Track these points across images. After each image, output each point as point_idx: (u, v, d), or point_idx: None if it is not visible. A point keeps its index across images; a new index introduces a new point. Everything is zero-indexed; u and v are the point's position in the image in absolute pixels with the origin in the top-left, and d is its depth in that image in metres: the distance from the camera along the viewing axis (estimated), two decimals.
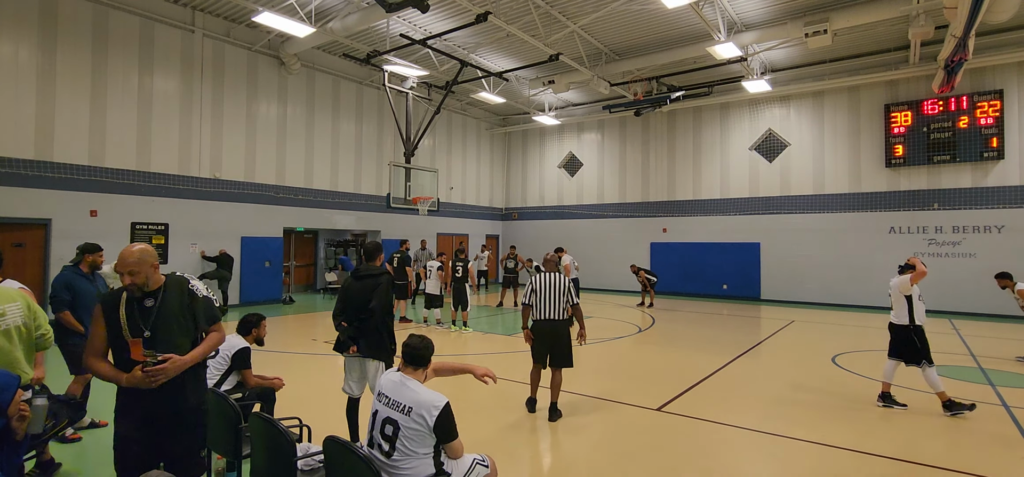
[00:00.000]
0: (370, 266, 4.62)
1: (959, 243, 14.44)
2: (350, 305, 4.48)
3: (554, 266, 5.82)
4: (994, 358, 8.83)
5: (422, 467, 2.76)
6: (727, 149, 18.10)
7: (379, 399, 2.92)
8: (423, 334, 3.19)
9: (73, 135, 11.29)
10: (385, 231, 17.87)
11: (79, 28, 11.35)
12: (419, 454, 2.76)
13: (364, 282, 4.48)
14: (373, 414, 2.91)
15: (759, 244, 17.35)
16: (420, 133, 15.01)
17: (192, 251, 13.15)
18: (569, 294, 5.60)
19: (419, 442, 2.76)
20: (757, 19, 12.81)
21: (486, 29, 13.33)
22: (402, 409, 2.80)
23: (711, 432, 5.28)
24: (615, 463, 4.50)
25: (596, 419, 5.62)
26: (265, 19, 11.30)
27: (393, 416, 2.80)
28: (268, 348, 7.33)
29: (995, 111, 13.92)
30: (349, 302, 4.50)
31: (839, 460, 4.60)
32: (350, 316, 4.46)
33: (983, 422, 5.59)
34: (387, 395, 2.89)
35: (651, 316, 13.65)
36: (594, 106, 19.98)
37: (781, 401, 6.35)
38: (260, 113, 14.63)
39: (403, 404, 2.81)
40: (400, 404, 2.82)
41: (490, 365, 7.96)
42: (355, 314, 4.42)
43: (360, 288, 4.47)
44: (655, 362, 8.65)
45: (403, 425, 2.76)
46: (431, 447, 2.80)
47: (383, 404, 2.87)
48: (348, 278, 4.69)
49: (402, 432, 2.75)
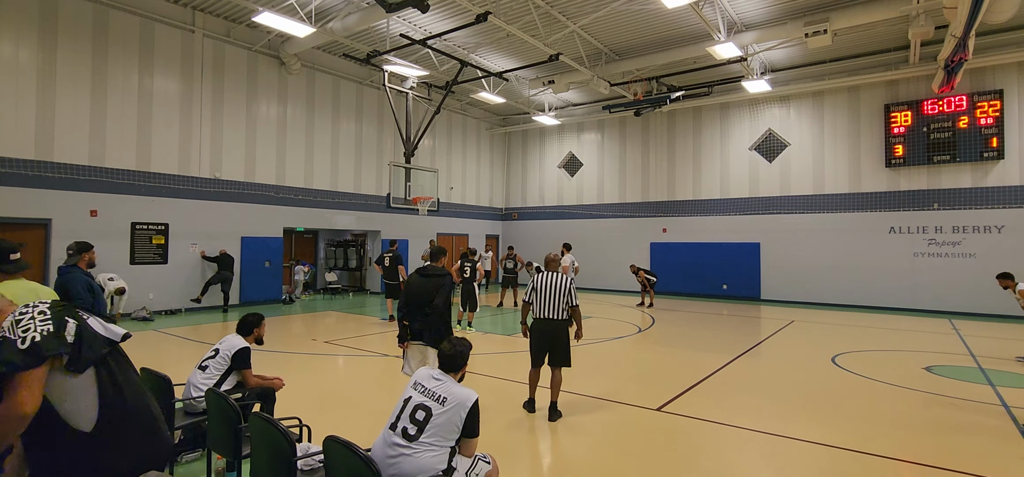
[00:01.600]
0: (435, 266, 5.29)
1: (959, 243, 14.44)
2: (413, 299, 5.09)
3: (556, 266, 5.84)
4: (994, 358, 8.82)
5: (437, 460, 2.87)
6: (727, 149, 18.10)
7: (414, 387, 3.09)
8: (458, 339, 3.36)
9: (73, 135, 11.29)
10: (385, 231, 17.87)
11: (79, 28, 11.35)
12: (441, 446, 2.90)
13: (430, 280, 5.12)
14: (405, 399, 3.05)
15: (759, 244, 17.35)
16: (420, 133, 15.02)
17: (192, 251, 13.15)
18: (570, 295, 5.60)
19: (446, 433, 2.92)
20: (757, 19, 12.81)
21: (486, 29, 13.33)
22: (438, 399, 2.98)
23: (711, 432, 5.28)
24: (615, 463, 4.51)
25: (596, 419, 5.62)
26: (265, 19, 11.30)
27: (427, 403, 2.97)
28: (268, 348, 7.32)
29: (995, 111, 13.92)
30: (412, 296, 5.11)
31: (839, 460, 4.60)
32: (413, 309, 5.06)
33: (983, 422, 5.59)
34: (423, 385, 3.08)
35: (651, 316, 13.65)
36: (594, 106, 19.99)
37: (781, 401, 6.35)
38: (260, 113, 14.63)
39: (439, 395, 3.00)
40: (436, 394, 3.00)
41: (490, 365, 8.01)
42: (419, 308, 5.03)
43: (425, 285, 5.09)
44: (655, 362, 8.65)
45: (436, 413, 2.93)
46: (453, 441, 2.95)
47: (418, 392, 3.04)
48: (414, 275, 5.29)
49: (433, 420, 2.92)
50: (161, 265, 12.58)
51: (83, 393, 1.88)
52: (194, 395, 4.14)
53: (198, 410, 4.09)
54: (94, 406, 1.89)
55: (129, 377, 2.05)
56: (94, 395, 1.90)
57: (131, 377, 2.07)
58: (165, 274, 12.63)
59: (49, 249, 10.86)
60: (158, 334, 10.12)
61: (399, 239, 17.38)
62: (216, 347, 4.45)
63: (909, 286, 14.98)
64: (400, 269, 12.16)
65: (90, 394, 1.89)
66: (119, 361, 2.05)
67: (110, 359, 1.99)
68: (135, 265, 12.08)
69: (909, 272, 15.01)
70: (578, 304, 5.70)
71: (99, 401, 1.90)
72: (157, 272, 12.49)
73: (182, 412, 4.19)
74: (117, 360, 2.04)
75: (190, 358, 7.77)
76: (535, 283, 5.68)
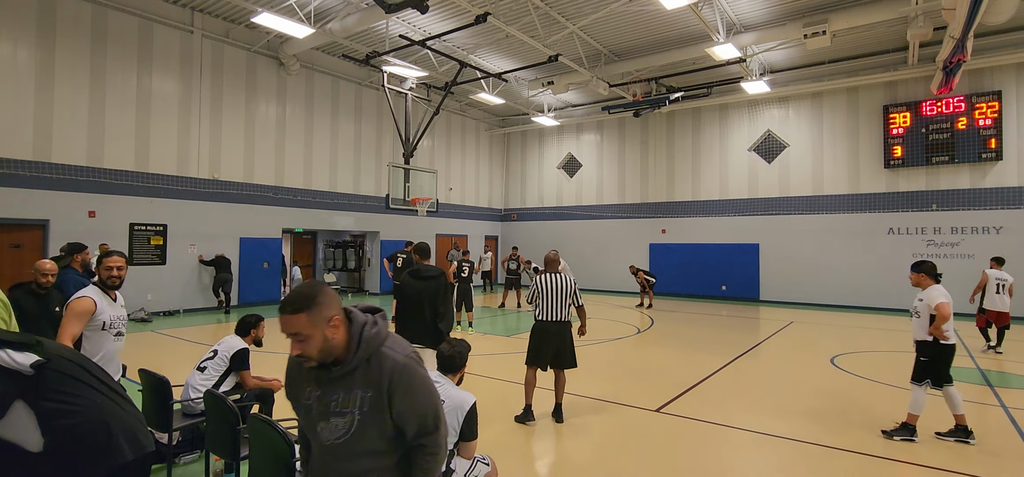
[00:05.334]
0: (429, 266, 5.11)
1: (958, 244, 14.45)
2: (409, 301, 4.95)
3: (556, 266, 5.72)
4: (994, 358, 8.83)
5: None
6: (726, 150, 18.11)
7: None
8: (456, 340, 3.33)
9: (71, 136, 11.26)
10: (384, 232, 17.86)
11: (78, 28, 11.33)
12: None
13: (427, 282, 4.97)
14: None
15: (758, 245, 17.36)
16: (419, 134, 15.01)
17: (190, 252, 13.13)
18: (575, 295, 5.57)
19: None
20: (756, 20, 12.82)
21: (485, 30, 13.33)
22: None
23: (710, 433, 5.28)
24: (614, 464, 4.50)
25: (595, 420, 5.61)
26: (264, 20, 11.28)
27: None
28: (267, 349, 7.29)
29: (993, 112, 13.94)
30: (408, 299, 4.97)
31: (839, 461, 4.60)
32: (411, 312, 4.92)
33: (983, 423, 5.59)
34: None
35: (650, 317, 13.65)
36: (593, 107, 19.99)
37: (780, 402, 6.34)
38: (259, 114, 14.62)
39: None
40: None
41: (491, 366, 7.98)
42: (417, 310, 4.89)
43: (423, 287, 4.95)
44: (654, 363, 8.64)
45: None
46: (451, 444, 2.92)
47: None
48: (407, 276, 5.09)
49: None
50: (159, 266, 12.56)
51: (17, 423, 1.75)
52: (192, 396, 4.13)
53: (196, 411, 4.07)
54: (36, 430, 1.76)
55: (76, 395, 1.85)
56: (33, 422, 1.76)
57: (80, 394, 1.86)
58: (164, 275, 12.60)
59: (47, 250, 10.81)
60: (156, 335, 10.10)
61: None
62: (215, 348, 4.44)
63: (908, 287, 14.89)
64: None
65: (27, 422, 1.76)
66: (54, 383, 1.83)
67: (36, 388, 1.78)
68: (133, 266, 12.04)
69: (908, 273, 14.98)
70: (583, 304, 5.68)
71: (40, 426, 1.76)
72: (156, 273, 12.46)
73: (180, 413, 4.17)
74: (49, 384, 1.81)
75: (188, 359, 7.75)
76: (539, 285, 5.56)
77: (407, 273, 5.16)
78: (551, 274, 5.60)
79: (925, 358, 5.24)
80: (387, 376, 1.80)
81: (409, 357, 1.86)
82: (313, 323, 1.72)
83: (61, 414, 1.80)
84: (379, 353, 1.82)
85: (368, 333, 1.82)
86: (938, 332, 5.15)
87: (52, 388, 1.82)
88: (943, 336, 5.14)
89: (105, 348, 3.55)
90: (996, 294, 9.09)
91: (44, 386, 1.81)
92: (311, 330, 1.73)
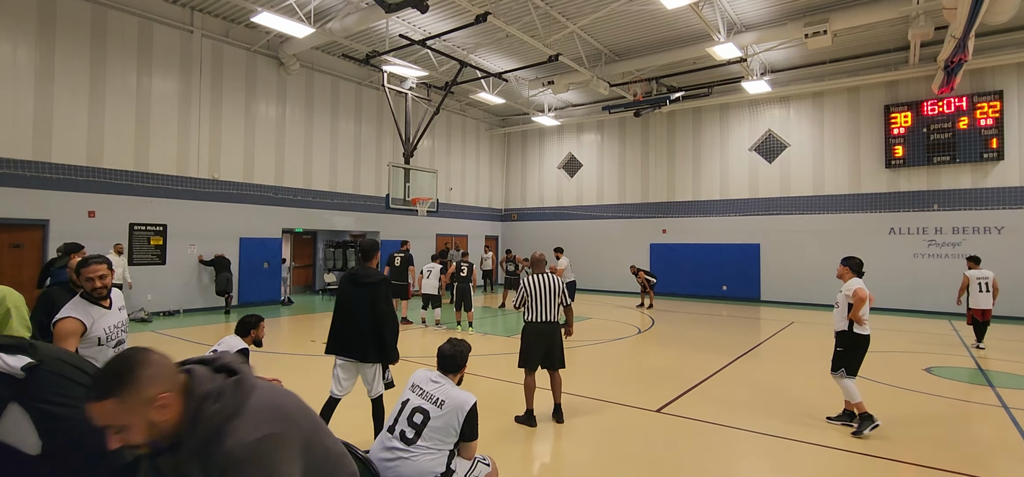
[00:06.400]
0: (368, 270, 4.47)
1: (959, 244, 14.43)
2: (347, 312, 4.40)
3: (542, 267, 5.69)
4: (994, 358, 8.81)
5: (436, 463, 2.86)
6: (727, 150, 18.09)
7: (412, 390, 3.07)
8: (457, 339, 3.34)
9: (71, 135, 11.25)
10: (384, 232, 17.84)
11: (77, 28, 11.32)
12: (438, 449, 2.89)
13: (364, 289, 4.36)
14: (403, 403, 3.04)
15: (759, 245, 17.34)
16: (419, 134, 15.00)
17: (190, 252, 13.12)
18: (564, 295, 5.59)
19: (443, 436, 2.90)
20: (757, 20, 12.80)
21: (485, 30, 13.31)
22: (435, 402, 2.96)
23: (711, 433, 5.26)
24: (614, 464, 4.48)
25: (595, 420, 5.59)
26: (264, 19, 11.27)
27: (425, 406, 2.95)
28: (266, 349, 7.29)
29: (995, 112, 13.91)
30: (345, 308, 4.43)
31: (838, 461, 4.58)
32: (347, 321, 4.38)
33: (983, 423, 5.57)
34: (420, 387, 3.06)
35: (650, 317, 13.63)
36: (594, 107, 19.98)
37: (781, 402, 6.33)
38: (259, 114, 14.60)
39: (437, 398, 2.97)
40: (434, 397, 2.98)
41: (491, 366, 7.97)
42: (353, 320, 4.34)
43: (359, 295, 4.37)
44: (655, 363, 8.62)
45: (433, 416, 2.92)
46: (452, 444, 2.94)
47: (416, 394, 3.03)
48: (345, 282, 4.52)
49: (431, 423, 2.90)
50: (159, 266, 12.55)
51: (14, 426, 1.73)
52: None
53: None
54: (33, 433, 1.73)
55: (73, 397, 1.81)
56: (29, 424, 1.74)
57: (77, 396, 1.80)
58: (163, 275, 12.59)
59: (47, 250, 10.80)
60: (157, 335, 10.09)
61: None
62: (215, 349, 4.42)
63: (909, 287, 14.97)
64: (410, 270, 11.99)
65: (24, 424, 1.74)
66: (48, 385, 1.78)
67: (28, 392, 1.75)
68: (133, 266, 12.03)
69: (909, 273, 15.01)
70: (570, 303, 5.75)
71: (37, 428, 1.74)
72: (155, 273, 12.45)
73: None
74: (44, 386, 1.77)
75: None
76: (528, 287, 5.51)
77: (345, 276, 4.60)
78: (538, 275, 5.58)
79: (841, 348, 5.51)
80: (221, 463, 1.42)
81: (260, 440, 1.46)
82: (128, 409, 1.39)
83: (57, 416, 1.77)
84: (219, 435, 1.44)
85: (207, 410, 1.46)
86: (856, 317, 5.40)
87: (47, 390, 1.80)
88: (860, 321, 5.41)
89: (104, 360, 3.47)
90: (980, 293, 9.53)
91: (38, 388, 1.79)
92: (127, 418, 1.40)
